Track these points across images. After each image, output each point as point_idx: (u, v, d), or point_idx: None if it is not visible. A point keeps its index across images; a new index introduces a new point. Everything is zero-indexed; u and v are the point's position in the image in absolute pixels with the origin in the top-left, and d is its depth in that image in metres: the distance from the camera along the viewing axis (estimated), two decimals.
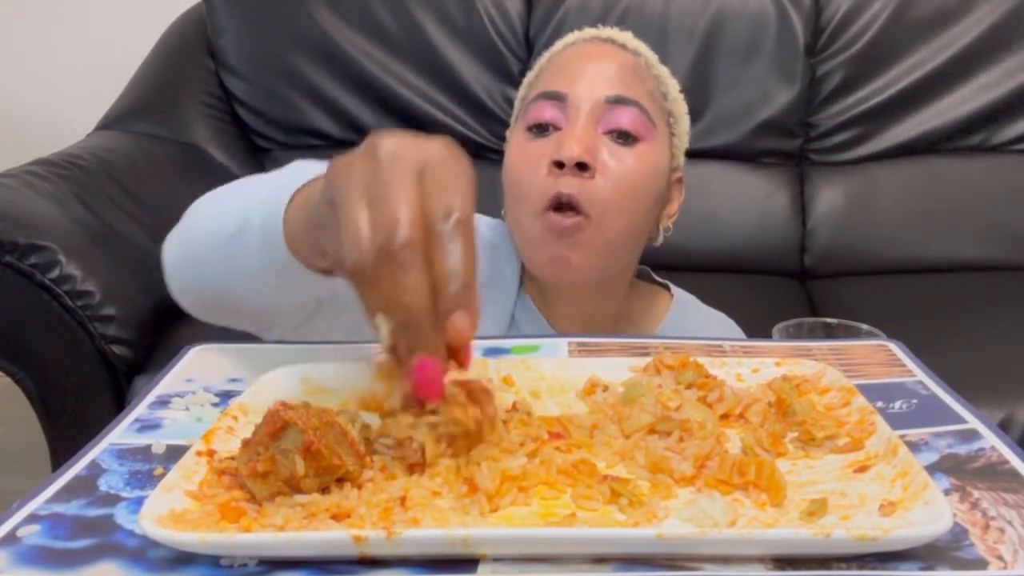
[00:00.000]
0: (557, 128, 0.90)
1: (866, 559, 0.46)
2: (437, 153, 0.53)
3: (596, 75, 0.91)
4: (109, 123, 2.09)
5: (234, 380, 0.67)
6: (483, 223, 1.02)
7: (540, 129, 0.91)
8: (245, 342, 0.75)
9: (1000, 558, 0.46)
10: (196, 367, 0.69)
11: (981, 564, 0.46)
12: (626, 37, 0.97)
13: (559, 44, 0.98)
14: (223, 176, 2.08)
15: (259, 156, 2.20)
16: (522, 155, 0.91)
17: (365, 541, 0.45)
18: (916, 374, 0.68)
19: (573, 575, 0.46)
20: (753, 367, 0.67)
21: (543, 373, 0.68)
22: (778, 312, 1.12)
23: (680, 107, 0.98)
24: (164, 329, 1.68)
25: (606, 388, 0.65)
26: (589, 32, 0.98)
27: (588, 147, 0.87)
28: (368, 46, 2.14)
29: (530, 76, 0.99)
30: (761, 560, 0.46)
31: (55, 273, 1.53)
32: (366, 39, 2.14)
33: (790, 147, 2.15)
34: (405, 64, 2.14)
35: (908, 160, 2.14)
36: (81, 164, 1.81)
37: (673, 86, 0.97)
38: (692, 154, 2.28)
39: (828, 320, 0.86)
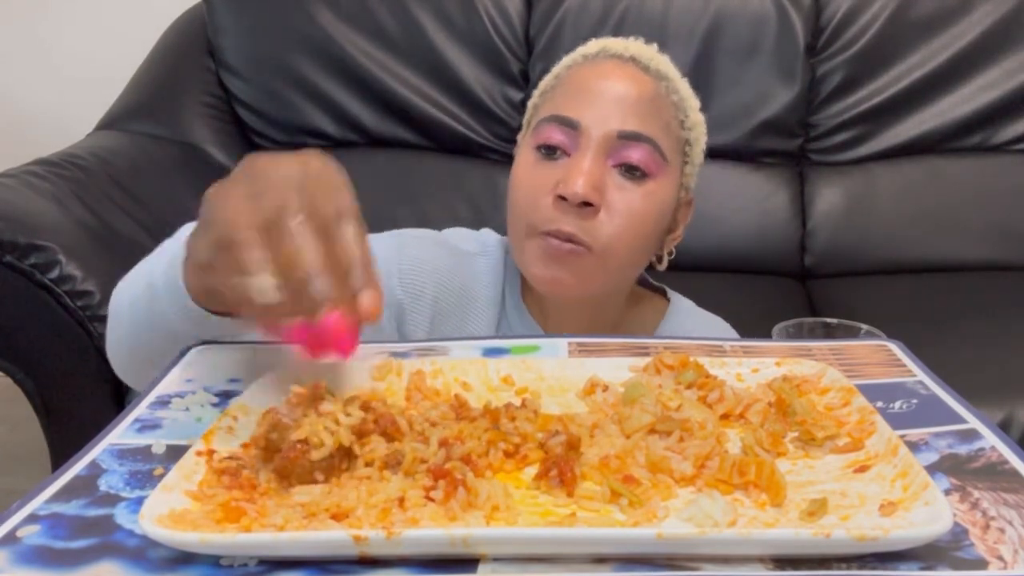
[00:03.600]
0: (566, 153, 0.88)
1: (866, 559, 0.46)
2: (310, 163, 0.58)
3: (612, 104, 0.88)
4: (109, 123, 2.09)
5: (234, 380, 0.67)
6: (463, 236, 1.02)
7: (549, 151, 0.89)
8: (245, 342, 0.75)
9: (1000, 558, 0.46)
10: (196, 367, 0.69)
11: (981, 564, 0.46)
12: (651, 55, 0.93)
13: (580, 54, 0.94)
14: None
15: None
16: (529, 177, 0.90)
17: (365, 541, 0.45)
18: (916, 374, 0.68)
19: (573, 575, 0.46)
20: (753, 367, 0.67)
21: (543, 373, 0.68)
22: (778, 312, 1.12)
23: (698, 131, 0.96)
24: None
25: (606, 388, 0.65)
26: (613, 45, 0.93)
27: (595, 184, 0.85)
28: (368, 46, 2.14)
29: (548, 81, 0.96)
30: (761, 560, 0.46)
31: (55, 273, 1.53)
32: (366, 39, 2.14)
33: (790, 147, 2.15)
34: (405, 64, 2.14)
35: (908, 160, 2.14)
36: (81, 164, 1.81)
37: (693, 108, 0.95)
38: None
39: (828, 320, 0.86)
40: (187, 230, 0.69)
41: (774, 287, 2.05)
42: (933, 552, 0.46)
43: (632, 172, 0.88)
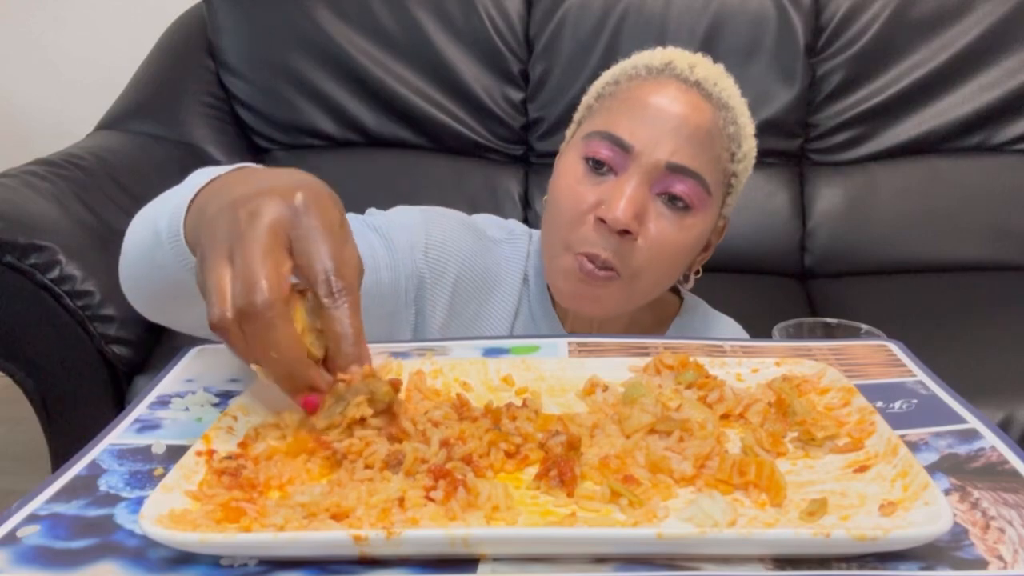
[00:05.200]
0: (613, 171, 0.88)
1: (866, 559, 0.46)
2: (299, 200, 0.56)
3: (666, 132, 0.87)
4: (109, 123, 2.09)
5: (234, 380, 0.67)
6: (490, 223, 1.02)
7: (596, 164, 0.89)
8: None
9: (1000, 558, 0.46)
10: (196, 367, 0.69)
11: (981, 564, 0.46)
12: (715, 79, 0.91)
13: (644, 66, 0.91)
14: None
15: (259, 156, 2.20)
16: (573, 189, 0.89)
17: (365, 541, 0.45)
18: (916, 374, 0.68)
19: (573, 575, 0.46)
20: (753, 367, 0.67)
21: (543, 373, 0.68)
22: (778, 312, 1.12)
23: (747, 162, 0.95)
24: (164, 329, 1.68)
25: (606, 388, 0.65)
26: (679, 61, 0.91)
27: (636, 212, 0.85)
28: (368, 46, 2.14)
29: (607, 86, 0.94)
30: (761, 560, 0.46)
31: (55, 273, 1.53)
32: (366, 39, 2.13)
33: (790, 147, 2.15)
34: (405, 64, 2.14)
35: (908, 160, 2.14)
36: (81, 164, 1.81)
37: (747, 137, 0.95)
38: None
39: (828, 320, 0.86)
40: (198, 177, 0.68)
41: (774, 287, 2.05)
42: (933, 552, 0.46)
43: (674, 202, 0.88)
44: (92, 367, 1.58)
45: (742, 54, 2.08)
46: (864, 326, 0.84)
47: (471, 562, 0.46)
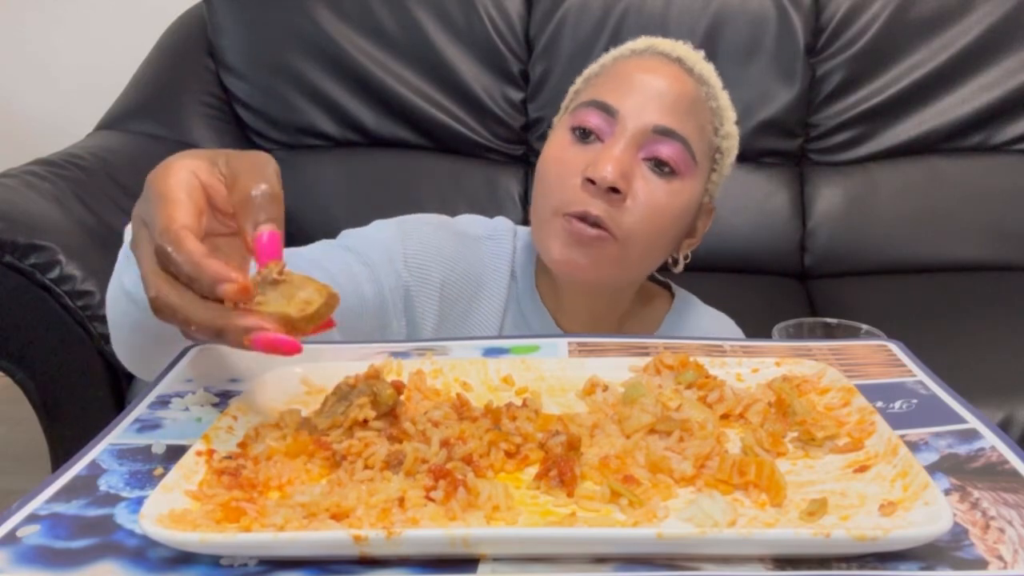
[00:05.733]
0: (600, 139, 0.90)
1: (866, 559, 0.46)
2: (189, 155, 0.60)
3: (652, 98, 0.89)
4: (109, 123, 2.09)
5: (234, 380, 0.67)
6: (474, 222, 1.02)
7: (583, 134, 0.90)
8: None
9: (1000, 558, 0.46)
10: (196, 367, 0.69)
11: (981, 564, 0.46)
12: (696, 59, 0.94)
13: (628, 48, 0.96)
14: None
15: None
16: (560, 157, 0.91)
17: (365, 541, 0.45)
18: (916, 374, 0.68)
19: (573, 575, 0.46)
20: (753, 367, 0.67)
21: (543, 373, 0.68)
22: (778, 312, 1.12)
23: (731, 142, 0.96)
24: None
25: (606, 388, 0.65)
26: (661, 44, 0.94)
27: (624, 172, 0.86)
28: (368, 46, 2.14)
29: (592, 69, 0.97)
30: (761, 560, 0.46)
31: (55, 273, 1.53)
32: (366, 39, 2.13)
33: (790, 147, 2.15)
34: (405, 64, 2.14)
35: (908, 160, 2.14)
36: (81, 164, 1.81)
37: (729, 119, 0.96)
38: None
39: (828, 320, 0.86)
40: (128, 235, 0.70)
41: (774, 287, 2.05)
42: (933, 552, 0.46)
43: (661, 167, 0.89)
44: (92, 367, 1.58)
45: (742, 54, 2.08)
46: (864, 326, 0.84)
47: (471, 562, 0.46)
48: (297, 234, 2.18)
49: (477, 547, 0.46)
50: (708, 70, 0.95)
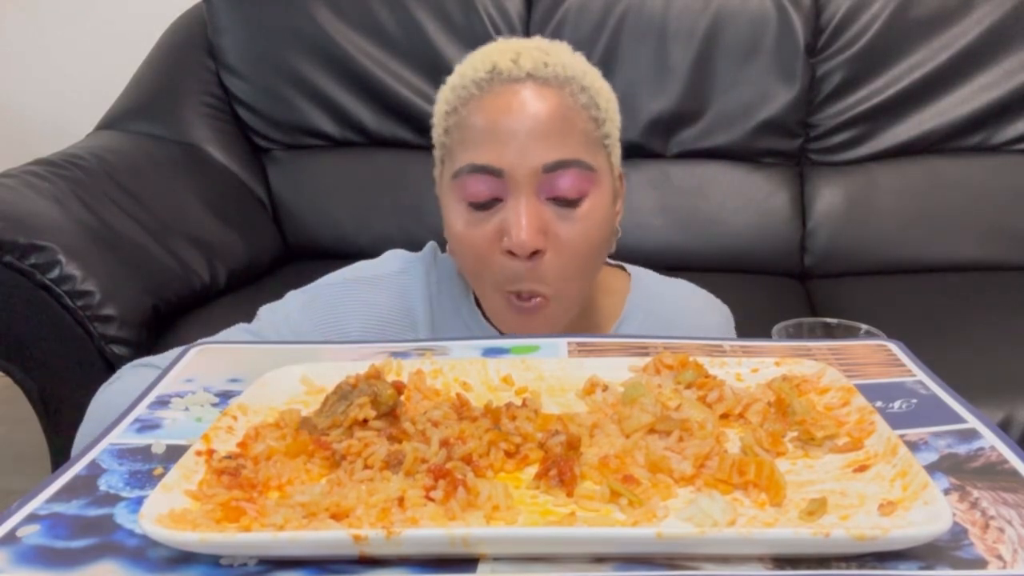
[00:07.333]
0: (498, 199, 0.85)
1: (866, 558, 0.46)
2: None
3: (528, 137, 0.83)
4: (109, 123, 2.09)
5: (234, 380, 0.67)
6: (393, 258, 1.00)
7: (481, 207, 0.86)
8: (245, 342, 0.75)
9: (999, 557, 0.46)
10: (196, 367, 0.69)
11: (980, 563, 0.46)
12: (544, 60, 0.86)
13: (471, 80, 0.86)
14: (223, 176, 2.08)
15: (259, 156, 2.20)
16: (470, 235, 0.86)
17: (365, 540, 0.45)
18: (916, 374, 0.68)
19: (573, 575, 0.46)
20: (753, 367, 0.68)
21: (543, 373, 0.68)
22: (778, 312, 1.12)
23: (612, 114, 0.90)
24: (164, 329, 1.68)
25: (606, 388, 0.65)
26: (501, 62, 0.86)
27: (537, 229, 0.83)
28: (368, 46, 2.13)
29: (448, 118, 0.88)
30: (761, 559, 0.46)
31: (55, 273, 1.53)
32: (366, 39, 2.13)
33: (790, 147, 2.15)
34: (405, 64, 2.14)
35: (908, 160, 2.14)
36: (81, 164, 1.81)
37: (602, 94, 0.89)
38: (692, 154, 2.26)
39: (828, 320, 0.86)
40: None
41: (774, 287, 2.05)
42: (932, 551, 0.46)
43: (567, 201, 0.85)
44: (92, 367, 1.58)
45: (742, 54, 2.08)
46: (864, 326, 0.84)
47: (471, 562, 0.46)
48: (297, 234, 2.18)
49: (477, 547, 0.46)
50: (561, 63, 0.87)
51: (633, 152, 2.11)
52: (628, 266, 1.05)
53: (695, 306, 1.03)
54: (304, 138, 2.19)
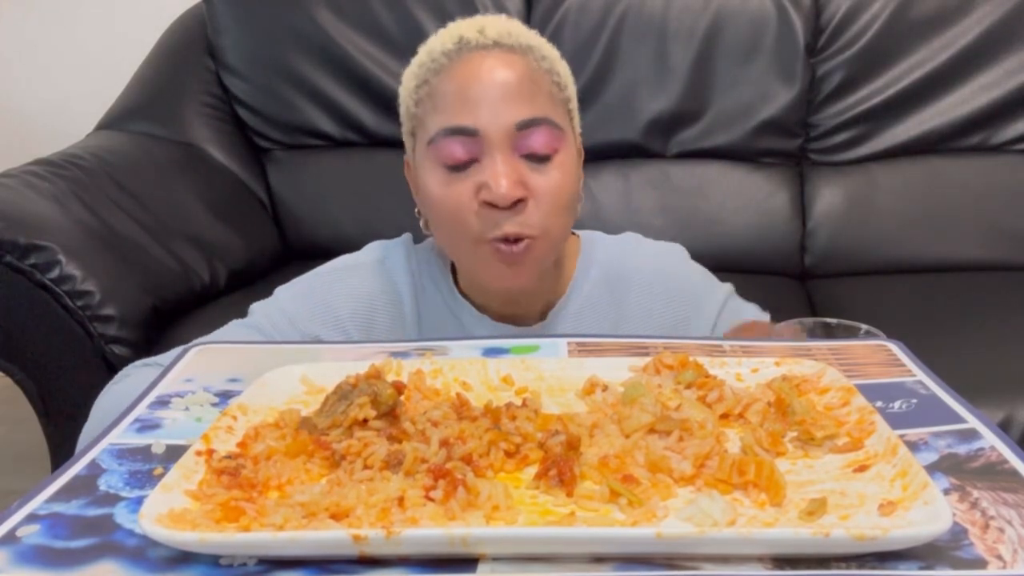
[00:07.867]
0: (475, 159, 0.89)
1: (866, 558, 0.46)
2: None
3: (500, 99, 0.88)
4: (109, 123, 2.09)
5: (234, 380, 0.67)
6: (371, 248, 1.04)
7: (458, 167, 0.89)
8: (245, 342, 0.75)
9: (999, 558, 0.46)
10: (196, 367, 0.69)
11: (980, 563, 0.46)
12: (508, 30, 0.92)
13: (440, 53, 0.91)
14: (223, 176, 2.08)
15: (259, 156, 2.20)
16: (448, 194, 0.90)
17: (365, 540, 0.45)
18: (916, 374, 0.68)
19: (573, 575, 0.46)
20: (753, 367, 0.68)
21: (543, 373, 0.68)
22: (778, 312, 1.12)
23: (567, 80, 0.95)
24: (164, 329, 1.68)
25: (606, 388, 0.65)
26: (468, 32, 0.91)
27: (515, 180, 0.87)
28: (368, 46, 2.13)
29: (418, 91, 0.93)
30: (760, 559, 0.46)
31: (55, 273, 1.53)
32: (366, 39, 2.13)
33: (790, 147, 2.15)
34: (405, 64, 2.13)
35: (908, 160, 2.14)
36: (81, 164, 1.81)
37: (558, 62, 0.94)
38: (692, 154, 2.26)
39: (828, 320, 0.86)
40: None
41: (774, 287, 2.05)
42: (932, 551, 0.46)
43: (540, 159, 0.89)
44: (92, 367, 1.58)
45: (742, 54, 2.08)
46: (864, 326, 0.84)
47: (471, 562, 0.46)
48: (298, 234, 2.18)
49: (476, 547, 0.46)
50: (523, 33, 0.93)
51: (633, 152, 2.11)
52: (579, 232, 1.06)
53: (647, 251, 1.06)
54: (304, 138, 2.19)
